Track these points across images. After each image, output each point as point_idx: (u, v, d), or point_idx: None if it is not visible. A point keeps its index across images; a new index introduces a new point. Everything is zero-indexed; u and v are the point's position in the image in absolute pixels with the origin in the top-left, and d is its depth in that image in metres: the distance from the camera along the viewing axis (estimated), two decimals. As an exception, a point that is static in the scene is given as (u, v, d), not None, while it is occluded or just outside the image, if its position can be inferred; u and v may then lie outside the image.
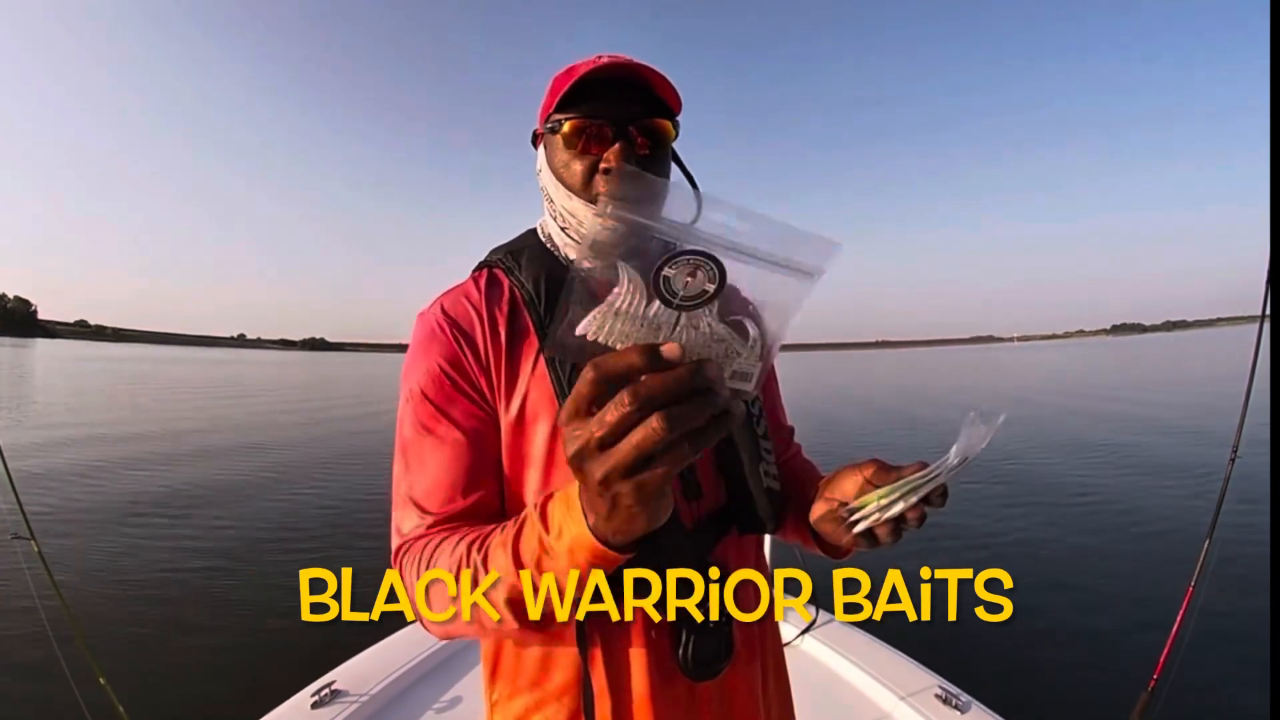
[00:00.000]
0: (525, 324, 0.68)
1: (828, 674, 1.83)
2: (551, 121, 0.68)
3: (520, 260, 0.72)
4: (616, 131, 0.66)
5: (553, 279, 0.69)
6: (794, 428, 0.90)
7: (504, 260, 0.73)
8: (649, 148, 0.68)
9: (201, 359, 71.80)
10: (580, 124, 0.66)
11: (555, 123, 0.68)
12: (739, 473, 0.70)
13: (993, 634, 3.33)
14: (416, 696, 1.71)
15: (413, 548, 0.61)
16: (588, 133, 0.66)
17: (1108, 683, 3.02)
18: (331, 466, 8.70)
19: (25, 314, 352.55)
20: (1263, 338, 1.73)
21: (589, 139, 0.66)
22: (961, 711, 1.54)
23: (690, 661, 0.63)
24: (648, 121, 0.67)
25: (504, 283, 0.72)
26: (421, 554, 0.60)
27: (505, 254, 0.73)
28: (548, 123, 0.69)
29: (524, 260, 0.72)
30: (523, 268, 0.71)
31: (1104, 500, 6.39)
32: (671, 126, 0.69)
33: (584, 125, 0.66)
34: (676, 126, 0.70)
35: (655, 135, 0.68)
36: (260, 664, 3.27)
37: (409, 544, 0.62)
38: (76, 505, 6.25)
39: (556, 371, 0.64)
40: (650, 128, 0.68)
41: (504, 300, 0.70)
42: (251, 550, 5.08)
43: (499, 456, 0.66)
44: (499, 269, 0.73)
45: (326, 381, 33.43)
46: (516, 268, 0.71)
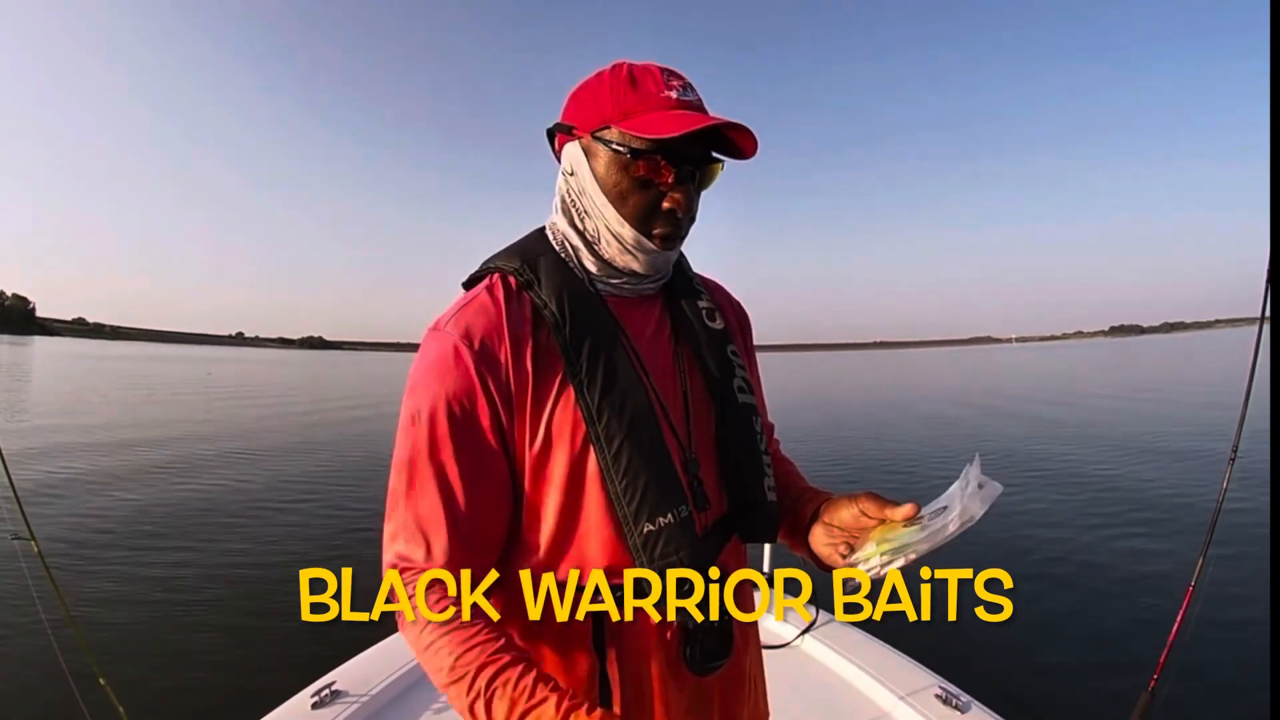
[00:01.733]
0: (552, 347, 0.66)
1: (828, 674, 1.83)
2: (615, 145, 0.64)
3: (539, 273, 0.68)
4: (685, 173, 0.65)
5: (574, 296, 0.67)
6: (774, 424, 0.93)
7: (520, 272, 0.69)
8: (699, 186, 0.69)
9: (201, 357, 71.81)
10: (655, 161, 0.64)
11: (622, 145, 0.64)
12: (744, 485, 0.73)
13: (993, 634, 3.34)
14: (416, 696, 1.71)
15: (417, 582, 0.61)
16: (658, 167, 0.64)
17: (1108, 683, 3.02)
18: (332, 466, 8.70)
19: (23, 311, 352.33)
20: (1262, 338, 1.73)
21: (654, 171, 0.65)
22: (961, 711, 1.53)
23: (698, 658, 0.66)
24: (710, 166, 0.69)
25: (524, 298, 0.68)
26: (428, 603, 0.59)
27: (521, 263, 0.69)
28: (602, 135, 0.65)
29: (542, 273, 0.68)
30: (542, 282, 0.68)
31: (1104, 500, 6.39)
32: (721, 168, 0.70)
33: (659, 162, 0.64)
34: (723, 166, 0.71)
35: (709, 178, 0.70)
36: (260, 664, 3.27)
37: (410, 569, 0.62)
38: (77, 505, 6.24)
39: (584, 399, 0.64)
40: (710, 173, 0.69)
41: (526, 319, 0.66)
42: (252, 550, 5.08)
43: (508, 486, 0.66)
44: (514, 278, 0.69)
45: (326, 380, 33.47)
46: (536, 281, 0.68)
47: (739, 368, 0.77)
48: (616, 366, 0.66)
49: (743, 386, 0.75)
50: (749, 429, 0.74)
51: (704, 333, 0.75)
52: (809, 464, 0.81)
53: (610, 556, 0.64)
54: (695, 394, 0.73)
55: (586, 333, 0.66)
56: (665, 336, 0.75)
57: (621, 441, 0.63)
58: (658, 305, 0.76)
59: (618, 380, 0.65)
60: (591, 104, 0.66)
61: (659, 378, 0.71)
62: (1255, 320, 1.73)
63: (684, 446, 0.70)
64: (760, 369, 0.91)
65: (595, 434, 0.63)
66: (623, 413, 0.64)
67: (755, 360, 0.90)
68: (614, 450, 0.63)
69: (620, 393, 0.65)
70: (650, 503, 0.63)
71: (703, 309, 0.77)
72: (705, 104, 0.68)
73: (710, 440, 0.73)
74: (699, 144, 0.65)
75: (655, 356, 0.72)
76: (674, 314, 0.77)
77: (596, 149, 0.66)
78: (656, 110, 0.63)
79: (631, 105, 0.63)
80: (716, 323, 0.77)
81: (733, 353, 0.77)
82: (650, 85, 0.64)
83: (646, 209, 0.66)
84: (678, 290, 0.78)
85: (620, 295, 0.72)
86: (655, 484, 0.63)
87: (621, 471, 0.63)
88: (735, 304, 0.89)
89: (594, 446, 0.63)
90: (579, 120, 0.67)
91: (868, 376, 39.49)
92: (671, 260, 0.73)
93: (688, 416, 0.72)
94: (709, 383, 0.74)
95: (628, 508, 0.63)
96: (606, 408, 0.63)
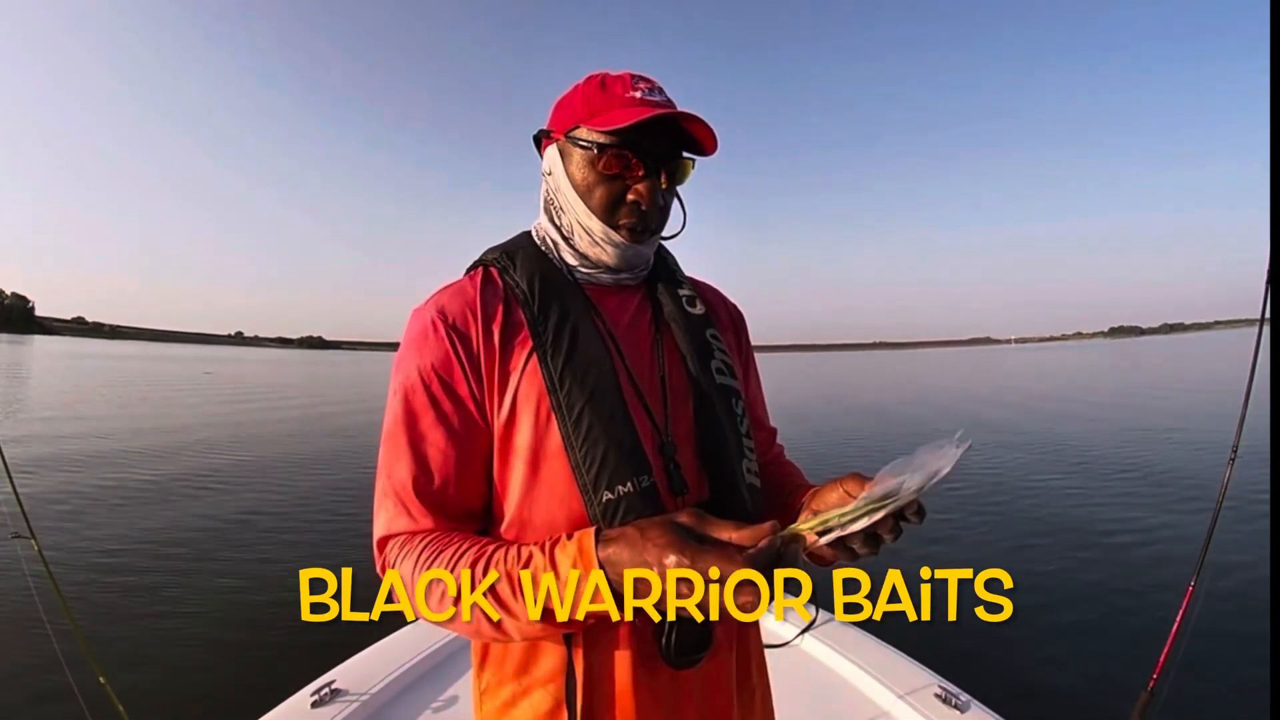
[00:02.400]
0: (519, 320, 0.69)
1: (828, 674, 1.84)
2: (583, 141, 0.69)
3: (515, 260, 0.74)
4: (648, 166, 0.69)
5: (546, 279, 0.72)
6: (776, 429, 0.92)
7: (499, 260, 0.75)
8: (668, 182, 0.71)
9: (200, 357, 71.77)
10: (617, 155, 0.68)
11: (588, 142, 0.69)
12: (722, 468, 0.72)
13: (993, 634, 3.34)
14: (416, 696, 1.71)
15: (401, 541, 0.65)
16: (622, 161, 0.68)
17: (1108, 683, 3.02)
18: (332, 465, 8.70)
19: (23, 310, 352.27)
20: (1262, 339, 1.73)
21: (618, 165, 0.69)
22: (961, 711, 1.54)
23: (672, 651, 0.64)
24: (677, 162, 0.71)
25: (499, 281, 0.73)
26: (415, 551, 0.63)
27: (501, 254, 0.75)
28: (573, 135, 0.70)
29: (519, 260, 0.74)
30: (518, 267, 0.73)
31: (1104, 500, 6.39)
32: (692, 165, 0.73)
33: (621, 156, 0.68)
34: (694, 162, 0.73)
35: (678, 173, 0.72)
36: (260, 664, 3.26)
37: (393, 538, 0.66)
38: (77, 505, 6.24)
39: (548, 367, 0.66)
40: (677, 168, 0.72)
41: (499, 298, 0.71)
42: (252, 550, 5.08)
43: (486, 455, 0.68)
44: (494, 268, 0.75)
45: (325, 380, 33.47)
46: (512, 267, 0.73)
47: (719, 351, 0.77)
48: (580, 337, 0.68)
49: (721, 369, 0.76)
50: (728, 411, 0.74)
51: (682, 318, 0.77)
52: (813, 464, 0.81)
53: (572, 525, 0.64)
54: (674, 379, 0.74)
55: (554, 307, 0.70)
56: (644, 323, 0.76)
57: (582, 409, 0.64)
58: (638, 294, 0.78)
59: (580, 350, 0.67)
60: (566, 109, 0.72)
61: (636, 363, 0.72)
62: (1253, 321, 1.73)
63: (661, 430, 0.70)
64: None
65: (557, 402, 0.65)
66: (584, 381, 0.66)
67: (753, 360, 0.91)
68: (574, 418, 0.64)
69: (583, 363, 0.67)
70: (609, 470, 0.63)
71: (683, 296, 0.79)
72: (675, 104, 0.70)
73: (689, 425, 0.73)
74: (663, 139, 0.69)
75: (633, 342, 0.74)
76: (655, 303, 0.79)
77: (570, 149, 0.71)
78: (620, 108, 0.68)
79: (599, 106, 0.69)
80: (696, 309, 0.79)
81: (712, 336, 0.78)
82: (618, 89, 0.69)
83: (612, 201, 0.69)
84: (659, 281, 0.80)
85: (599, 284, 0.75)
86: (615, 451, 0.63)
87: (581, 438, 0.64)
88: (729, 304, 0.91)
89: (555, 415, 0.65)
90: (556, 124, 0.73)
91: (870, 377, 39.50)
92: (646, 255, 0.76)
93: (665, 400, 0.72)
94: (687, 367, 0.75)
95: (587, 475, 0.63)
96: (569, 375, 0.66)
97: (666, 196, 0.73)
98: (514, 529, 0.66)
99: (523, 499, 0.66)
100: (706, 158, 0.73)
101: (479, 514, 0.69)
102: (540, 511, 0.66)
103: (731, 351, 0.81)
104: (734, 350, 0.83)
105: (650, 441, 0.68)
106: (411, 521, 0.65)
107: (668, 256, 0.84)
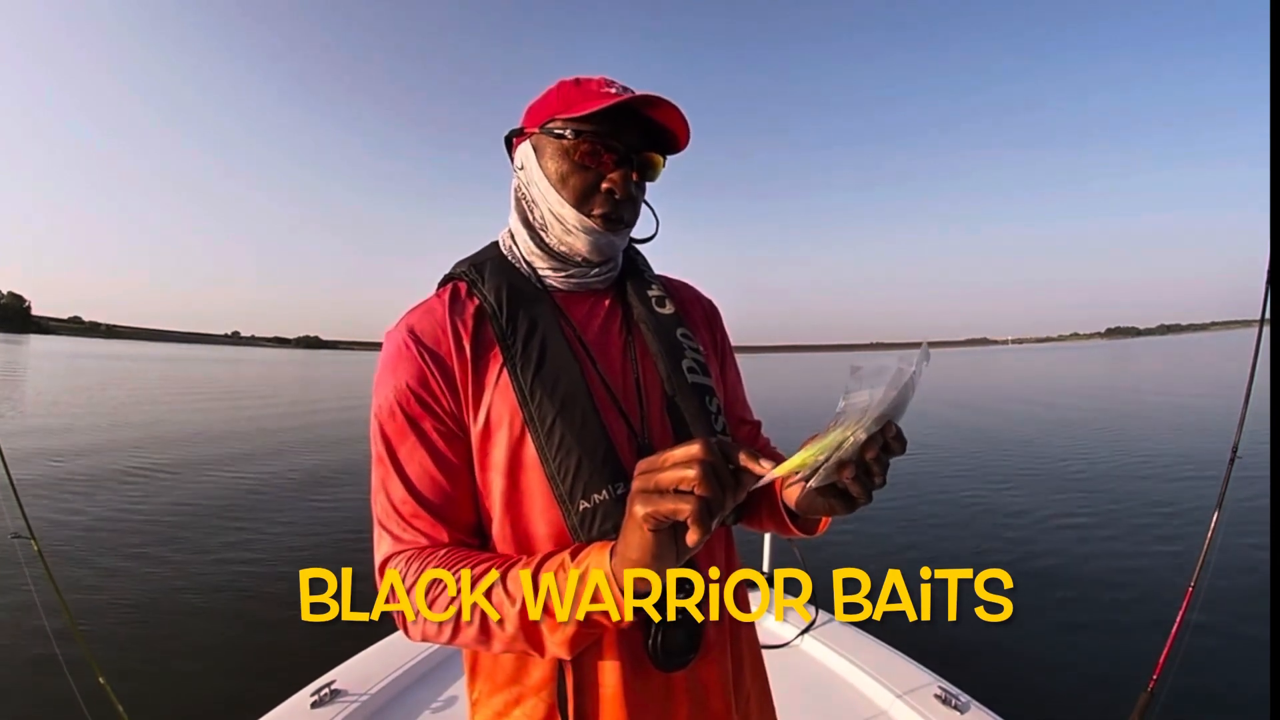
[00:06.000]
0: (489, 336, 0.70)
1: (827, 674, 1.83)
2: (556, 129, 0.70)
3: (483, 273, 0.74)
4: (620, 157, 0.70)
5: (514, 290, 0.72)
6: (760, 421, 0.93)
7: (467, 273, 0.75)
8: (639, 175, 0.72)
9: (197, 357, 71.72)
10: (591, 144, 0.69)
11: (560, 132, 0.69)
12: None
13: (993, 634, 3.34)
14: (416, 696, 1.71)
15: (402, 558, 0.64)
16: (595, 151, 0.69)
17: (1108, 683, 3.02)
18: (331, 465, 8.70)
19: (19, 310, 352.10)
20: (1262, 339, 1.74)
21: (591, 156, 0.70)
22: (961, 711, 1.54)
23: (659, 652, 0.64)
24: (650, 155, 0.72)
25: (469, 298, 0.73)
26: (418, 563, 0.63)
27: (469, 266, 0.76)
28: (547, 127, 0.71)
29: (486, 273, 0.74)
30: (485, 280, 0.73)
31: (1104, 500, 6.40)
32: (663, 163, 0.74)
33: (594, 146, 0.69)
34: (665, 160, 0.74)
35: (649, 167, 0.73)
36: (260, 664, 3.27)
37: (393, 557, 0.65)
38: (77, 504, 6.24)
39: (519, 380, 0.66)
40: (649, 160, 0.72)
41: (468, 314, 0.71)
42: (252, 550, 5.08)
43: (471, 470, 0.68)
44: (462, 282, 0.75)
45: (323, 379, 33.45)
46: (480, 280, 0.73)
47: (690, 350, 0.77)
48: (549, 348, 0.69)
49: (694, 367, 0.76)
50: (702, 409, 0.73)
51: (652, 320, 0.77)
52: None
53: (554, 538, 0.65)
54: (648, 380, 0.74)
55: (522, 319, 0.70)
56: (615, 327, 0.77)
57: (554, 420, 0.65)
58: (608, 298, 0.79)
59: (549, 361, 0.68)
60: (541, 106, 0.73)
61: (609, 368, 0.73)
62: (1251, 323, 1.73)
63: (636, 432, 0.70)
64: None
65: (529, 414, 0.65)
66: (555, 391, 0.66)
67: (731, 354, 0.91)
68: (547, 429, 0.65)
69: (553, 373, 0.67)
70: (584, 480, 0.63)
71: (652, 297, 0.80)
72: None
73: (665, 425, 0.73)
74: (636, 133, 0.70)
75: (604, 346, 0.74)
76: (625, 305, 0.79)
77: (543, 142, 0.72)
78: (597, 100, 0.68)
79: (574, 99, 0.70)
80: (666, 308, 0.79)
81: (684, 335, 0.78)
82: (593, 85, 0.70)
83: (585, 189, 0.70)
84: (628, 283, 0.80)
85: (567, 291, 0.76)
86: (588, 461, 0.64)
87: (555, 450, 0.64)
88: (703, 300, 0.91)
89: (529, 428, 0.65)
90: (529, 121, 0.74)
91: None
92: (617, 245, 0.76)
93: (640, 402, 0.72)
94: (658, 368, 0.75)
95: (563, 486, 0.64)
96: (539, 387, 0.66)
97: (637, 190, 0.74)
98: (497, 543, 0.67)
99: (503, 513, 0.66)
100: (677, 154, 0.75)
101: (474, 528, 0.69)
102: (521, 524, 0.66)
103: (706, 348, 0.82)
104: (708, 346, 0.84)
105: (628, 446, 0.68)
106: (409, 543, 0.65)
107: (637, 257, 0.85)
